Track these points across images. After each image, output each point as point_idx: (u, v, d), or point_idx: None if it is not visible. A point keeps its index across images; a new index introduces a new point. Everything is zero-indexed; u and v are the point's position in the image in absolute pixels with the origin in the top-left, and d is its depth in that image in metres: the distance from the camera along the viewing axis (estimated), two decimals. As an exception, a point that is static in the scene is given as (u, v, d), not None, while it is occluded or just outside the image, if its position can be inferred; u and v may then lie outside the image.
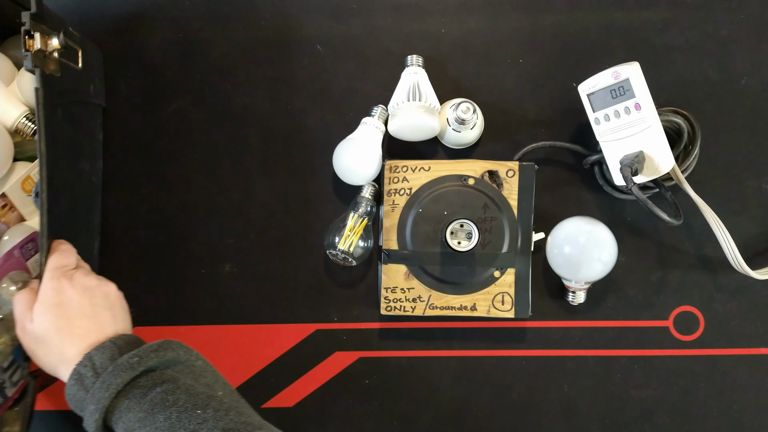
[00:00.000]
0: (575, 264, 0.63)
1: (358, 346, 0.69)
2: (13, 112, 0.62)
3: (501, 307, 0.65)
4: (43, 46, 0.54)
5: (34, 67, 0.53)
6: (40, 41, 0.54)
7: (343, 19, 0.70)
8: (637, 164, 0.60)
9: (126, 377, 0.46)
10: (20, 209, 0.62)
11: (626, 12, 0.69)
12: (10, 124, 0.62)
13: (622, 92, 0.60)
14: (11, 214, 0.61)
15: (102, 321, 0.51)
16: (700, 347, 0.68)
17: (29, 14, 0.53)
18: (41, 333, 0.50)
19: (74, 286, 0.51)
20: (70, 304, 0.50)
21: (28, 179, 0.62)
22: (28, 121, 0.62)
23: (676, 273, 0.68)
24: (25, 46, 0.53)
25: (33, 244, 0.59)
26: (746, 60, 0.68)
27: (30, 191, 0.62)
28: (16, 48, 0.67)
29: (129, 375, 0.46)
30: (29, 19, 0.53)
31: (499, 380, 0.69)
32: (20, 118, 0.62)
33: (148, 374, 0.47)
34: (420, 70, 0.66)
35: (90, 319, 0.50)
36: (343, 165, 0.65)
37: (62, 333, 0.49)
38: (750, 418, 0.68)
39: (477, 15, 0.69)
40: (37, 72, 0.53)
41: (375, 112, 0.67)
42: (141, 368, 0.47)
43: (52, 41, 0.55)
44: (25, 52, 0.53)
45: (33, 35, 0.54)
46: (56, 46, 0.55)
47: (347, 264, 0.66)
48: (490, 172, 0.65)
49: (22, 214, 0.63)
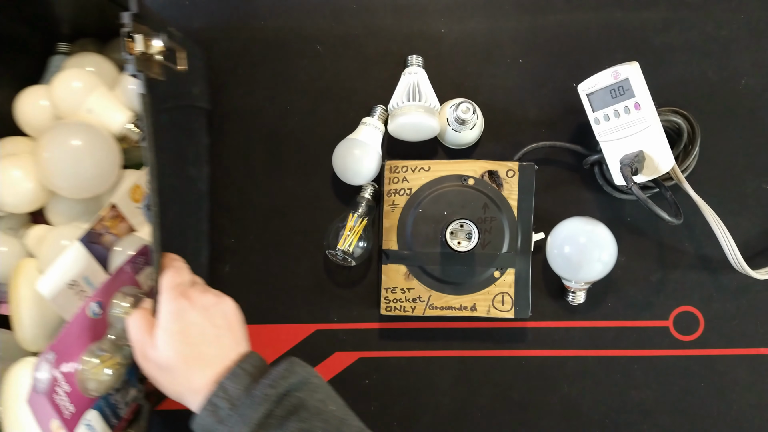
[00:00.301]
0: (575, 264, 0.63)
1: (358, 347, 0.69)
2: (118, 118, 0.59)
3: (501, 308, 0.65)
4: (145, 48, 0.51)
5: (138, 71, 0.49)
6: (143, 43, 0.50)
7: (343, 19, 0.70)
8: (637, 164, 0.60)
9: (263, 410, 0.45)
10: (129, 219, 0.59)
11: (626, 12, 0.69)
12: (115, 130, 0.60)
13: (622, 92, 0.60)
14: (121, 225, 0.58)
15: (225, 344, 0.49)
16: (700, 347, 0.68)
17: (129, 15, 0.49)
18: (166, 362, 0.47)
19: (194, 307, 0.49)
20: (193, 329, 0.48)
21: (137, 188, 0.59)
22: (134, 127, 0.60)
23: (676, 273, 0.68)
24: (126, 48, 0.50)
25: (144, 257, 0.56)
26: (746, 60, 0.68)
27: (138, 200, 0.59)
28: (118, 51, 0.65)
29: (265, 407, 0.45)
30: (130, 20, 0.49)
31: (499, 380, 0.69)
32: (126, 124, 0.60)
33: (281, 402, 0.46)
34: (420, 70, 0.66)
35: (213, 344, 0.48)
36: (343, 165, 0.65)
37: (188, 362, 0.47)
38: (750, 418, 0.68)
39: (477, 15, 0.69)
40: (140, 77, 0.50)
41: (375, 112, 0.67)
42: (275, 398, 0.46)
43: (155, 43, 0.52)
44: (127, 55, 0.49)
45: (134, 37, 0.50)
46: (159, 48, 0.52)
47: (347, 264, 0.66)
48: (490, 172, 0.65)
49: (131, 224, 0.60)
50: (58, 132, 0.57)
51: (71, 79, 0.59)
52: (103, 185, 0.59)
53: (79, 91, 0.59)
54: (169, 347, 0.47)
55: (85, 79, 0.59)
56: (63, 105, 0.59)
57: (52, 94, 0.59)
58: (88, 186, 0.58)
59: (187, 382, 0.47)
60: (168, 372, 0.48)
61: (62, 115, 0.60)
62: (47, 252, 0.58)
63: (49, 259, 0.57)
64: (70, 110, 0.59)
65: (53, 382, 0.48)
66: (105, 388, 0.51)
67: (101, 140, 0.58)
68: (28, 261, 0.60)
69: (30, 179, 0.58)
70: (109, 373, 0.50)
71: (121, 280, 0.53)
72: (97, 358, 0.51)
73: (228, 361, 0.48)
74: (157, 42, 0.51)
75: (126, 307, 0.53)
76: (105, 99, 0.60)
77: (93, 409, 0.52)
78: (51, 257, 0.57)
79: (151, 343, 0.48)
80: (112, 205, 0.57)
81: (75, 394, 0.50)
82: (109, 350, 0.51)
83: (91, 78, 0.60)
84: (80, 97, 0.59)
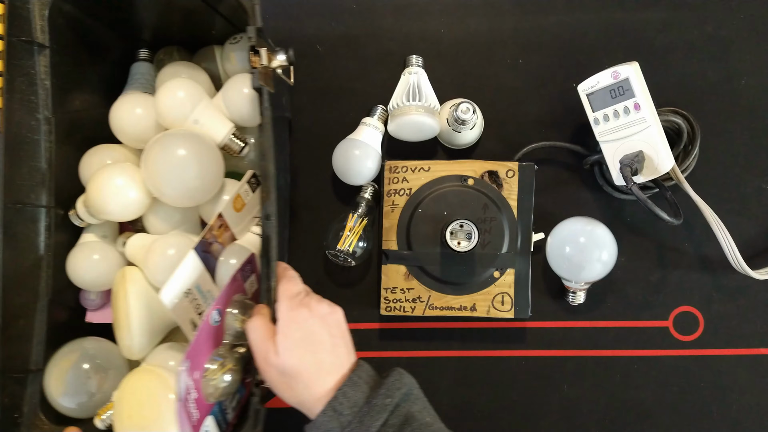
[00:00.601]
0: (575, 264, 0.63)
1: (358, 347, 0.68)
2: (221, 129, 0.60)
3: (501, 308, 0.65)
4: (267, 62, 0.52)
5: (262, 85, 0.50)
6: (266, 57, 0.52)
7: (343, 19, 0.70)
8: (637, 164, 0.60)
9: (382, 419, 0.47)
10: (232, 228, 0.60)
11: (626, 12, 0.69)
12: (219, 140, 0.60)
13: (622, 92, 0.60)
14: (225, 234, 0.59)
15: (341, 353, 0.51)
16: (700, 347, 0.68)
17: (254, 29, 0.50)
18: (288, 369, 0.49)
19: (313, 315, 0.50)
20: (313, 337, 0.50)
21: (238, 197, 0.59)
22: (236, 138, 0.60)
23: (676, 273, 0.68)
24: (250, 62, 0.51)
25: (250, 265, 0.57)
26: (746, 60, 0.68)
27: (239, 210, 0.60)
28: (208, 60, 0.65)
29: (383, 417, 0.47)
30: (255, 34, 0.51)
31: (499, 380, 0.69)
32: (228, 135, 0.60)
33: (394, 412, 0.48)
34: (420, 70, 0.66)
35: (331, 353, 0.50)
36: (342, 165, 0.65)
37: (310, 370, 0.49)
38: (749, 418, 0.68)
39: (477, 15, 0.69)
40: (264, 91, 0.51)
41: (375, 112, 0.67)
42: (391, 408, 0.48)
43: (279, 58, 0.53)
44: (251, 69, 0.51)
45: (259, 51, 0.51)
46: (282, 63, 0.53)
47: (347, 264, 0.66)
48: (489, 173, 0.65)
49: (233, 233, 0.60)
50: (167, 141, 0.57)
51: (177, 89, 0.58)
52: (208, 194, 0.59)
53: (184, 101, 0.58)
54: (291, 354, 0.49)
55: (190, 89, 0.59)
56: (169, 115, 0.59)
57: (158, 104, 0.59)
58: (194, 195, 0.58)
59: (307, 390, 0.49)
60: (289, 378, 0.49)
61: (168, 124, 0.60)
62: (156, 260, 0.58)
63: (157, 268, 0.58)
64: (176, 120, 0.59)
65: (187, 390, 0.48)
66: (224, 394, 0.52)
67: (208, 150, 0.58)
68: (133, 269, 0.60)
69: (133, 187, 0.58)
70: (227, 379, 0.51)
71: (234, 288, 0.55)
72: (216, 365, 0.52)
73: (344, 369, 0.50)
74: (281, 57, 0.53)
75: (237, 314, 0.54)
76: (210, 110, 0.60)
77: (209, 414, 0.53)
78: (159, 266, 0.58)
79: (273, 349, 0.49)
80: (219, 214, 0.58)
81: (200, 401, 0.50)
82: (226, 356, 0.53)
83: (195, 88, 0.59)
84: (186, 108, 0.58)
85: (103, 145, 0.63)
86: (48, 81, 0.57)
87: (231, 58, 0.64)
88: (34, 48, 0.56)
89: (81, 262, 0.60)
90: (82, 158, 0.62)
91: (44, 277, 0.58)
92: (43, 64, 0.57)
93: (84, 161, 0.62)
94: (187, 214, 0.63)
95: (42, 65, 0.57)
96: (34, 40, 0.56)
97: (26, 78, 0.56)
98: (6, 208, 0.54)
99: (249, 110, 0.60)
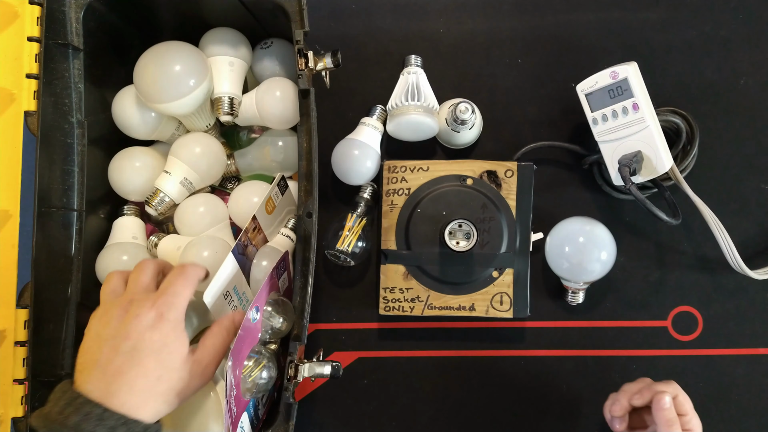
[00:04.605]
0: (574, 264, 0.63)
1: (356, 346, 0.69)
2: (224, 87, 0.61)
3: (500, 308, 0.65)
4: (314, 65, 0.54)
5: (310, 87, 0.53)
6: (313, 60, 0.53)
7: (343, 19, 0.70)
8: (636, 164, 0.60)
9: None
10: (264, 230, 0.62)
11: (625, 12, 0.69)
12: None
13: (620, 92, 0.60)
14: (258, 236, 0.61)
15: None
16: (699, 347, 0.68)
17: (302, 32, 0.53)
18: None
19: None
20: None
21: (270, 200, 0.61)
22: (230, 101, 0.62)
23: (675, 273, 0.68)
24: (298, 64, 0.53)
25: (284, 263, 0.58)
26: (745, 60, 0.68)
27: (270, 212, 0.62)
28: None
29: None
30: (302, 37, 0.53)
31: (498, 380, 0.69)
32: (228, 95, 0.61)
33: None
34: (419, 70, 0.66)
35: None
36: (341, 165, 0.65)
37: None
38: (749, 418, 0.68)
39: (477, 15, 0.70)
40: (312, 92, 0.53)
41: (374, 112, 0.67)
42: None
43: (325, 60, 0.54)
44: (299, 70, 0.53)
45: (307, 54, 0.53)
46: (328, 66, 0.55)
47: (346, 264, 0.66)
48: (488, 172, 0.65)
49: (265, 234, 0.62)
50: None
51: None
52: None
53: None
54: None
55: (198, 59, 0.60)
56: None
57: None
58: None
59: None
60: None
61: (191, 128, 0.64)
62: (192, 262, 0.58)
63: None
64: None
65: (231, 386, 0.49)
66: (260, 390, 0.53)
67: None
68: None
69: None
70: (265, 375, 0.53)
71: (270, 286, 0.56)
72: (253, 361, 0.53)
73: None
74: (328, 60, 0.55)
75: (272, 311, 0.56)
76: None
77: (245, 411, 0.54)
78: None
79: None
80: (253, 217, 0.59)
81: (238, 397, 0.51)
82: (262, 353, 0.54)
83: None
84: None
85: (132, 148, 0.63)
86: (81, 84, 0.58)
87: (262, 63, 0.65)
88: (69, 51, 0.57)
89: (111, 264, 0.60)
90: (111, 161, 0.62)
91: (74, 281, 0.58)
92: (77, 67, 0.57)
93: (113, 164, 0.62)
94: (216, 214, 0.63)
95: (76, 68, 0.57)
96: (69, 43, 0.56)
97: (61, 81, 0.57)
98: (40, 212, 0.55)
99: (281, 113, 0.61)
